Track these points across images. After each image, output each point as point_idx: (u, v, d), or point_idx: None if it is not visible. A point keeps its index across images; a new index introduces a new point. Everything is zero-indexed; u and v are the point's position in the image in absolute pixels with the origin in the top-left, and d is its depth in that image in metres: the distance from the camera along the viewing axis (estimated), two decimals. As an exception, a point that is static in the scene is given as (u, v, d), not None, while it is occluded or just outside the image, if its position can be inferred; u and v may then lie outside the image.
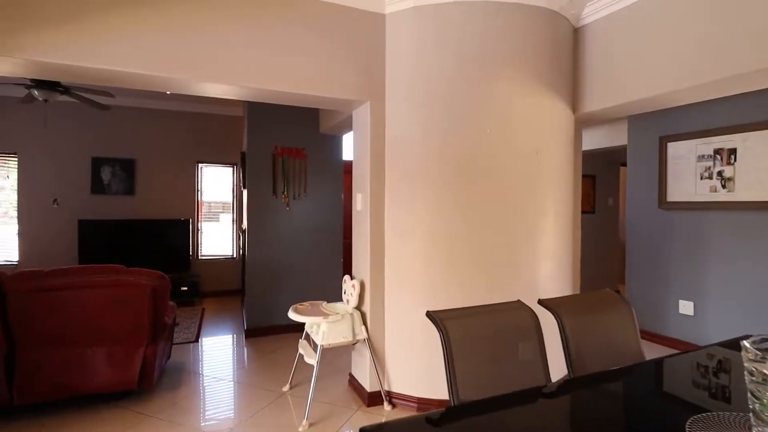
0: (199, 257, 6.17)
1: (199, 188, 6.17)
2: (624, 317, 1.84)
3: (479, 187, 2.64)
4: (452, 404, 1.36)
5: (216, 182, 6.38)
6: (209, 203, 6.32)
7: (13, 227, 5.36)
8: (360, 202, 2.93)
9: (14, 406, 2.47)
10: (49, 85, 3.82)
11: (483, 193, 2.65)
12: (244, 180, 4.50)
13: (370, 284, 2.81)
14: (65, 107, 5.43)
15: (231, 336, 4.38)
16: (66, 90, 3.97)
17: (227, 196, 6.42)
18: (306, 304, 2.99)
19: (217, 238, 6.35)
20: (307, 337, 3.01)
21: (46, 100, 3.90)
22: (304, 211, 4.45)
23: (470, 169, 2.64)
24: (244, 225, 4.77)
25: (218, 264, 6.24)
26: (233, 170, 6.35)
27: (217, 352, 3.90)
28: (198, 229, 6.15)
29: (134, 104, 5.72)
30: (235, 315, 5.20)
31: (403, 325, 2.77)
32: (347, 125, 4.02)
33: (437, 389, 2.69)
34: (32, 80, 3.72)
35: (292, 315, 2.75)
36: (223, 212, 6.42)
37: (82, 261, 5.38)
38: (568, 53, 2.98)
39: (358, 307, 2.88)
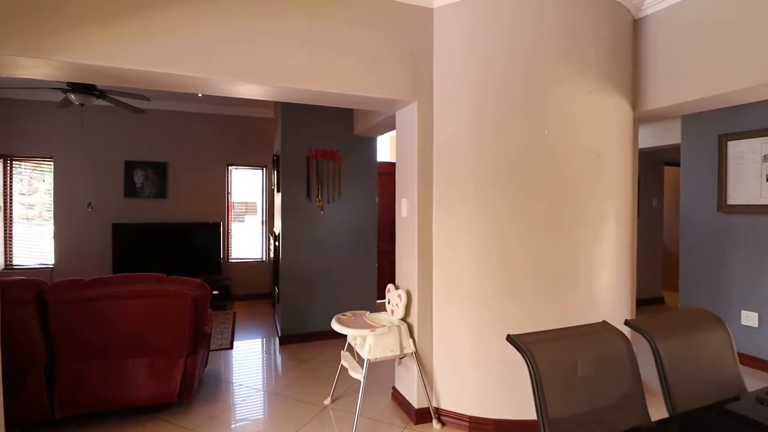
0: (230, 260, 6.13)
1: (229, 191, 6.13)
2: (720, 339, 1.64)
3: (535, 191, 2.46)
4: (547, 444, 1.19)
5: (246, 184, 6.33)
6: (239, 205, 6.27)
7: (49, 230, 5.42)
8: (406, 208, 2.78)
9: (55, 419, 2.41)
10: (86, 89, 3.80)
11: (539, 198, 2.46)
12: (278, 183, 4.40)
13: (417, 295, 2.65)
14: (100, 111, 5.45)
15: (265, 343, 4.30)
16: (102, 94, 3.95)
17: (257, 199, 6.37)
18: (348, 314, 2.85)
19: (246, 241, 6.31)
20: (350, 349, 2.88)
21: (82, 104, 3.89)
22: (338, 215, 4.33)
23: (525, 173, 2.45)
24: (276, 228, 4.68)
25: (248, 267, 6.19)
26: (263, 172, 6.29)
27: (253, 360, 3.81)
28: (228, 232, 6.12)
29: (166, 107, 5.71)
30: (267, 320, 5.12)
31: (452, 339, 2.61)
32: (384, 127, 3.88)
33: (489, 407, 2.51)
34: (69, 84, 3.70)
35: (336, 326, 2.62)
36: (253, 215, 6.37)
37: (116, 264, 5.40)
38: (627, 46, 2.77)
39: (405, 319, 2.73)
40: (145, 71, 2.13)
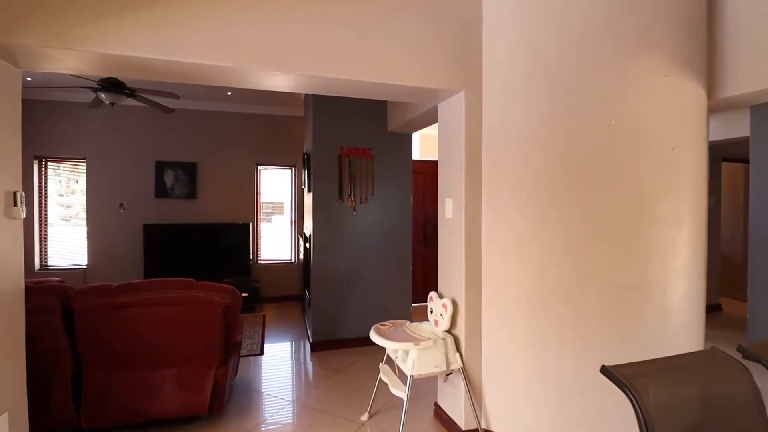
0: (259, 262, 6.03)
1: (259, 191, 6.03)
2: None
3: (599, 191, 2.17)
4: None
5: (274, 184, 6.22)
6: (266, 205, 6.17)
7: (82, 231, 5.44)
8: (451, 209, 2.54)
9: (82, 429, 2.29)
10: (116, 88, 3.73)
11: (604, 198, 2.18)
12: (308, 182, 4.23)
13: (464, 305, 2.41)
14: (131, 112, 5.44)
15: (296, 349, 4.13)
16: (132, 93, 3.88)
17: (284, 199, 6.25)
18: (388, 324, 2.64)
19: (275, 242, 6.19)
20: (389, 361, 2.66)
21: (112, 104, 3.82)
22: (371, 216, 4.12)
23: (588, 170, 2.17)
24: (307, 229, 4.51)
25: (277, 269, 6.07)
26: (292, 172, 6.16)
27: (284, 369, 3.65)
28: (257, 233, 6.01)
29: (195, 107, 5.65)
30: (297, 323, 4.97)
31: (504, 354, 2.35)
32: (420, 122, 3.65)
33: (544, 431, 2.24)
34: (99, 83, 3.64)
35: (376, 338, 2.40)
36: (280, 215, 6.26)
37: (147, 265, 5.37)
38: (701, 23, 2.43)
39: (450, 331, 2.49)
40: (173, 61, 1.97)
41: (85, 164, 5.40)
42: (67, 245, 5.47)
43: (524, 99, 2.26)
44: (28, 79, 4.61)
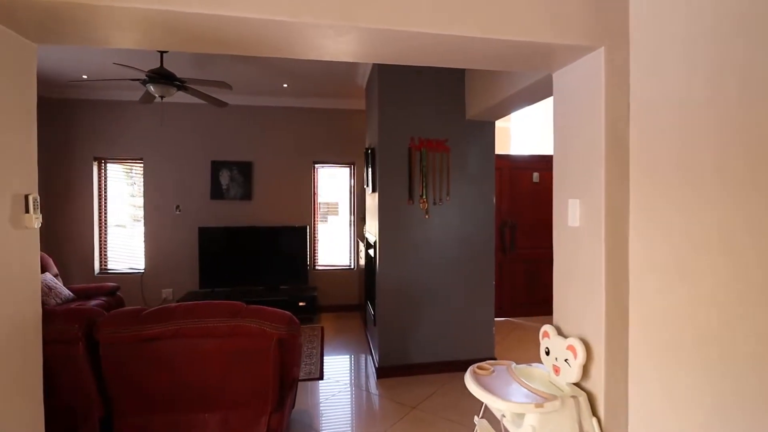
0: (316, 267, 5.60)
1: (316, 191, 5.60)
2: None
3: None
4: None
5: (331, 184, 5.76)
6: (323, 206, 5.72)
7: (139, 234, 5.28)
8: (577, 214, 1.84)
9: (113, 486, 1.87)
10: (165, 79, 3.38)
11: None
12: (373, 181, 3.68)
13: (604, 350, 1.71)
14: (185, 110, 5.20)
15: (360, 373, 3.60)
16: (182, 84, 3.53)
17: (340, 199, 5.77)
18: (487, 365, 1.99)
19: (333, 247, 5.73)
20: (486, 411, 2.02)
21: (162, 97, 3.49)
22: (446, 220, 3.48)
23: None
24: (371, 234, 3.97)
25: (336, 275, 5.61)
26: (350, 170, 5.67)
27: (347, 400, 3.11)
28: (314, 237, 5.58)
29: (250, 102, 5.31)
30: (358, 339, 4.45)
31: (666, 423, 1.63)
32: (511, 104, 2.96)
33: None
34: (148, 74, 3.30)
35: (477, 391, 1.77)
36: (334, 215, 5.78)
37: (203, 270, 5.10)
38: None
39: (580, 385, 1.80)
40: (220, 16, 1.46)
41: (142, 165, 5.23)
42: (126, 249, 5.33)
43: (705, 54, 1.53)
44: (84, 77, 4.46)
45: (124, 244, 5.34)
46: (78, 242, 5.12)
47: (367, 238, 4.30)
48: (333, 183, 5.80)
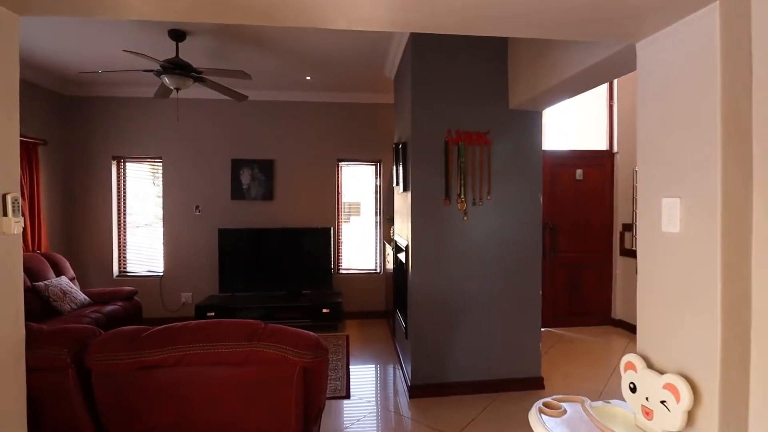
0: (340, 271, 5.30)
1: (340, 191, 5.30)
2: None
3: None
4: None
5: (355, 183, 5.45)
6: (347, 206, 5.42)
7: (158, 236, 5.09)
8: (677, 217, 1.46)
9: None
10: (181, 69, 3.13)
11: None
12: (404, 179, 3.34)
13: (719, 391, 1.33)
14: (204, 107, 4.98)
15: (389, 391, 3.26)
16: (199, 75, 3.27)
17: (363, 199, 5.45)
18: (556, 401, 1.63)
19: (357, 249, 5.42)
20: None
21: (177, 89, 3.24)
22: (487, 222, 3.12)
23: None
24: (401, 238, 3.63)
25: (361, 280, 5.29)
26: (376, 168, 5.34)
27: (378, 426, 2.78)
28: (338, 239, 5.28)
29: (271, 97, 5.05)
30: (385, 349, 4.12)
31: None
32: (560, 91, 2.58)
33: None
34: (163, 64, 3.06)
35: (550, 440, 1.41)
36: (362, 218, 5.47)
37: (223, 274, 4.87)
38: None
39: (684, 434, 1.42)
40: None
41: (161, 164, 5.04)
42: (145, 251, 5.15)
43: None
44: (99, 71, 4.27)
45: (144, 246, 5.16)
46: (97, 244, 4.96)
47: (395, 241, 3.96)
48: (356, 182, 5.49)
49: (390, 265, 4.60)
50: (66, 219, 4.89)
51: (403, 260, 3.41)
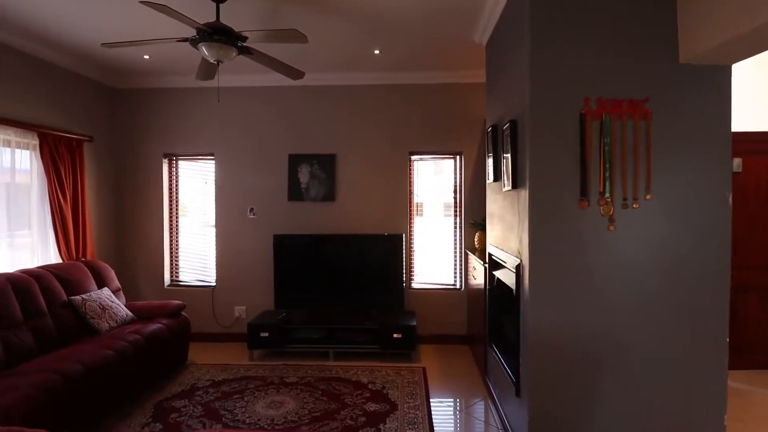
0: (412, 285, 4.45)
1: (412, 190, 4.45)
2: None
3: None
4: None
5: (431, 180, 4.59)
6: (421, 207, 4.56)
7: (211, 241, 4.57)
8: None
9: None
10: (223, 36, 2.45)
11: None
12: (514, 173, 2.41)
13: None
14: (258, 95, 4.38)
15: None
16: (244, 45, 2.58)
17: (446, 200, 4.56)
18: None
19: (433, 259, 4.54)
20: None
21: (218, 62, 2.57)
22: (645, 233, 2.10)
23: None
24: (499, 251, 2.71)
25: (437, 297, 4.41)
26: (456, 162, 4.43)
27: None
28: (410, 248, 4.44)
29: (332, 81, 4.32)
30: (474, 387, 3.22)
31: None
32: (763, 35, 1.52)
33: None
34: (200, 29, 2.39)
35: None
36: (439, 223, 4.58)
37: (278, 285, 4.23)
38: None
39: None
40: None
41: (213, 162, 4.50)
42: (197, 258, 4.66)
43: None
44: (146, 57, 3.78)
45: (197, 252, 4.66)
46: (147, 251, 4.53)
47: (490, 254, 3.04)
48: (431, 179, 4.63)
49: (476, 281, 3.68)
50: (114, 223, 4.51)
51: (511, 284, 2.47)
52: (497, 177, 2.81)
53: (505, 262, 2.63)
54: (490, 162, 2.99)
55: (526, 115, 2.17)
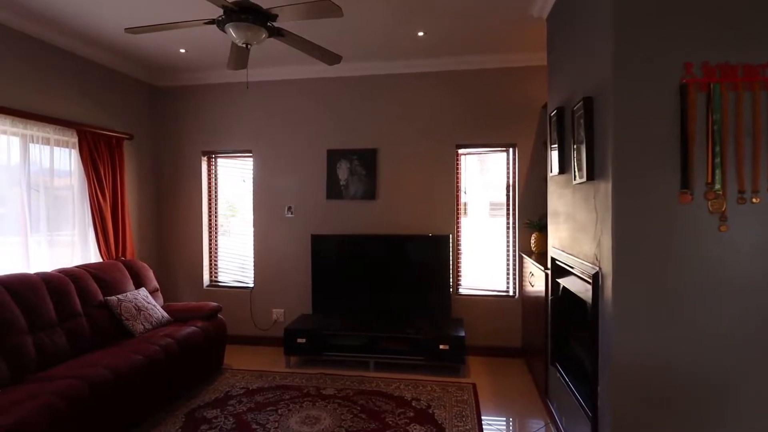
0: (459, 291, 4.07)
1: (459, 186, 4.07)
2: None
3: None
4: None
5: (475, 177, 4.19)
6: (468, 205, 4.16)
7: (248, 241, 4.42)
8: None
9: None
10: (249, 13, 2.22)
11: None
12: (589, 162, 1.99)
13: None
14: (294, 87, 4.17)
15: None
16: (273, 25, 2.33)
17: (496, 197, 4.14)
18: None
19: (482, 263, 4.14)
20: None
21: (247, 45, 2.34)
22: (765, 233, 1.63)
23: None
24: (567, 255, 2.29)
25: (487, 304, 4.00)
26: (509, 155, 4.00)
27: None
28: (458, 251, 4.06)
29: (371, 71, 4.03)
30: (531, 407, 2.83)
31: None
32: None
33: None
34: (227, 7, 2.17)
35: None
36: (488, 222, 4.17)
37: (316, 288, 4.00)
38: None
39: None
40: None
41: (251, 159, 4.35)
42: (235, 258, 4.53)
43: None
44: (182, 50, 3.67)
45: (235, 253, 4.53)
46: (186, 251, 4.46)
47: (553, 259, 2.62)
48: (471, 175, 4.23)
49: (533, 288, 3.26)
50: (154, 222, 4.46)
51: (584, 296, 2.06)
52: (564, 168, 2.39)
53: (572, 268, 2.22)
54: (553, 151, 2.58)
55: (609, 89, 1.75)
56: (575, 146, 2.12)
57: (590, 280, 1.92)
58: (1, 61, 2.95)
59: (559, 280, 2.55)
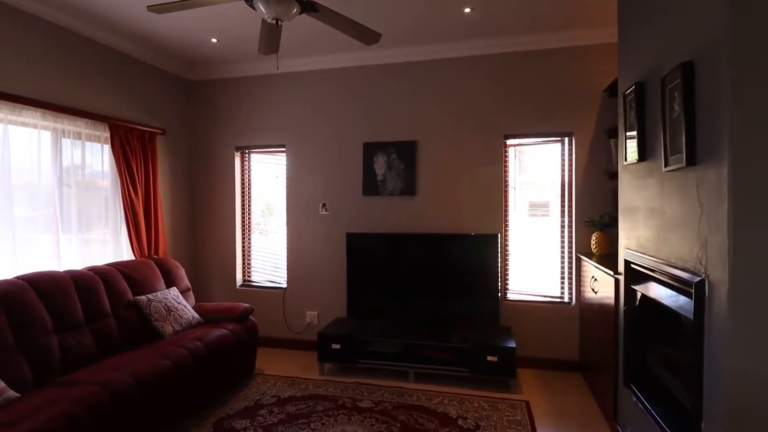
0: (507, 296, 3.71)
1: (507, 180, 3.71)
2: None
3: None
4: None
5: (521, 171, 3.81)
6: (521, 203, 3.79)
7: (281, 239, 4.23)
8: None
9: None
10: (279, -15, 1.98)
11: None
12: (688, 144, 1.61)
13: None
14: (329, 77, 3.94)
15: None
16: (308, 0, 2.09)
17: (542, 193, 3.75)
18: None
19: (530, 265, 3.75)
20: None
21: (278, 21, 2.11)
22: None
23: None
24: (643, 256, 1.91)
25: (540, 311, 3.61)
26: (564, 145, 3.60)
27: None
28: (506, 252, 3.70)
29: (411, 57, 3.73)
30: (594, 430, 2.42)
31: None
32: None
33: None
34: (252, -22, 1.94)
35: None
36: (540, 220, 3.78)
37: (351, 290, 3.76)
38: None
39: None
40: None
41: (284, 154, 4.16)
42: (269, 257, 4.36)
43: None
44: (213, 40, 3.52)
45: (268, 251, 4.37)
46: (219, 249, 4.33)
47: (629, 262, 2.23)
48: (517, 169, 3.84)
49: (596, 294, 2.86)
50: (187, 220, 4.36)
51: (683, 309, 1.68)
52: (645, 154, 2.01)
53: (654, 272, 1.84)
54: (629, 136, 2.19)
55: (722, 48, 1.38)
56: (666, 125, 1.74)
57: (688, 289, 1.55)
58: (31, 52, 2.88)
59: (635, 287, 2.17)
